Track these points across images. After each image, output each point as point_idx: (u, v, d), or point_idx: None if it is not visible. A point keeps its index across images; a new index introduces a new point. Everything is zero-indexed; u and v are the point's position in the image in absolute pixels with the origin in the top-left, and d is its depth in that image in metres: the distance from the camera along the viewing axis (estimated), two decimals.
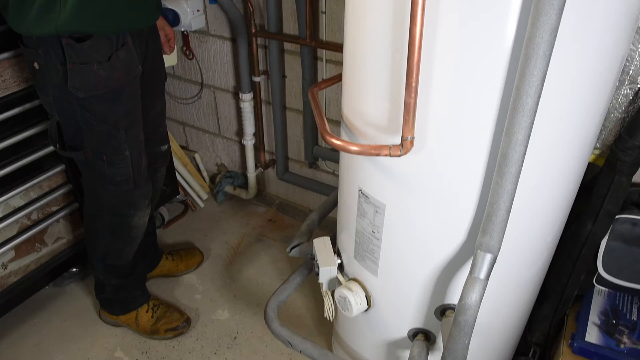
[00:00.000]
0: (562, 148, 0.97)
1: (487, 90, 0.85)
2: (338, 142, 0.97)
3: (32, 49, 1.30)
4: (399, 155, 0.92)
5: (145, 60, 1.46)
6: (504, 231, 0.91)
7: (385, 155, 0.93)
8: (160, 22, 1.62)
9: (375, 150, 0.93)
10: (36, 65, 1.31)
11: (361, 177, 1.12)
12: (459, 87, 0.86)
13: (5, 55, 1.53)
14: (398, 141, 0.92)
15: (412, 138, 0.90)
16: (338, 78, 1.30)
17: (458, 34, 0.82)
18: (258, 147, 2.31)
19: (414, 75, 0.83)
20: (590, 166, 1.26)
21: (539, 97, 0.78)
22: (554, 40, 0.74)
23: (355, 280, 1.28)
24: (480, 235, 0.93)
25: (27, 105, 1.62)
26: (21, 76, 1.59)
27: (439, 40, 0.83)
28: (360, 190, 1.14)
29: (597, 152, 1.42)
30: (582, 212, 1.34)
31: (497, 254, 0.92)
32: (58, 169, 1.80)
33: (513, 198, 0.87)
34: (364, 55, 0.97)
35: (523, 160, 0.84)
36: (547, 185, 1.02)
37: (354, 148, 0.95)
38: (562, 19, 0.71)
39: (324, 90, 1.92)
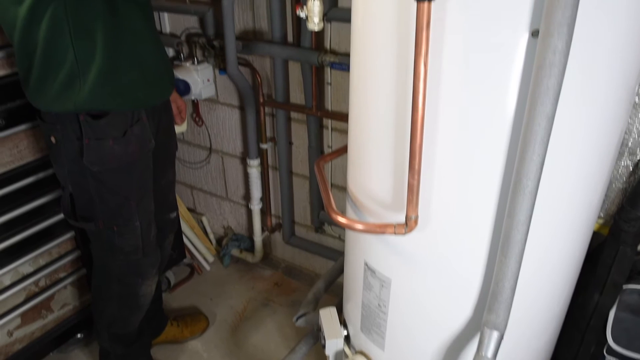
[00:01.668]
0: (566, 220, 0.99)
1: (489, 170, 0.88)
2: (344, 221, 0.99)
3: (49, 124, 1.35)
4: (404, 234, 0.94)
5: (157, 132, 1.51)
6: (510, 308, 0.92)
7: (390, 233, 0.94)
8: (173, 95, 1.68)
9: (380, 229, 0.95)
10: (53, 139, 1.36)
11: (367, 251, 1.14)
12: (461, 168, 0.89)
13: (22, 127, 1.59)
14: (403, 218, 0.94)
15: (416, 217, 0.92)
16: (343, 150, 1.33)
17: (458, 119, 0.85)
18: (265, 211, 2.33)
19: (417, 158, 0.86)
20: (595, 235, 1.27)
21: (539, 180, 0.81)
22: (551, 127, 0.77)
23: (362, 353, 1.27)
24: (486, 313, 0.93)
25: (41, 175, 1.67)
26: (36, 146, 1.65)
27: (440, 124, 0.87)
28: (366, 263, 1.15)
29: (600, 221, 1.43)
30: (589, 282, 1.34)
31: (504, 331, 0.92)
32: (68, 235, 1.82)
33: (518, 276, 0.88)
34: (367, 137, 1.01)
35: (526, 240, 0.86)
36: (553, 258, 1.03)
37: (359, 226, 0.97)
38: (563, 94, 0.74)
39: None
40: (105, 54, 1.25)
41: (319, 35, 1.73)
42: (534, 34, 0.76)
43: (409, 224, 0.93)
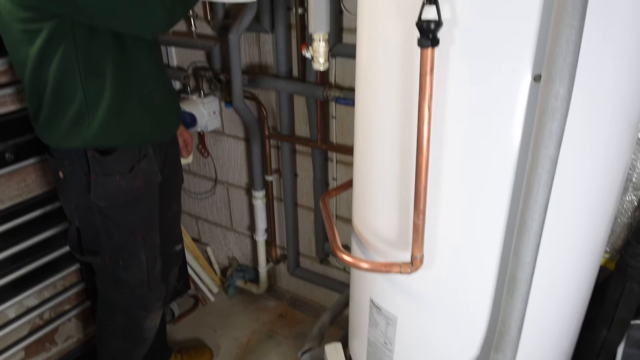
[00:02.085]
0: (572, 256, 0.99)
1: (494, 211, 0.88)
2: (349, 259, 0.99)
3: (58, 159, 1.37)
4: (409, 273, 0.94)
5: (164, 166, 1.52)
6: (517, 347, 0.91)
7: (396, 272, 0.95)
8: (179, 128, 1.70)
9: (385, 268, 0.95)
10: (61, 174, 1.37)
11: (372, 288, 1.13)
12: (466, 208, 0.90)
13: (30, 161, 1.61)
14: (408, 257, 0.94)
15: (422, 256, 0.93)
16: (348, 185, 1.34)
17: (463, 161, 0.86)
18: (270, 242, 2.33)
19: (422, 199, 0.87)
20: (601, 269, 1.27)
21: (543, 221, 0.81)
22: (555, 170, 0.77)
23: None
24: (493, 352, 0.93)
25: (48, 207, 1.68)
26: (44, 180, 1.67)
27: (445, 165, 0.88)
28: (371, 300, 1.14)
29: (607, 255, 1.43)
30: (597, 317, 1.33)
31: None
32: (73, 267, 1.83)
33: (524, 315, 0.88)
34: (372, 176, 1.02)
35: (532, 280, 0.86)
36: (560, 293, 1.03)
37: (365, 265, 0.98)
38: (567, 133, 0.75)
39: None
40: (114, 92, 1.27)
41: (324, 70, 1.75)
42: (536, 78, 0.78)
43: (414, 263, 0.93)
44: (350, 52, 1.66)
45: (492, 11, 0.76)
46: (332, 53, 1.67)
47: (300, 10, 1.73)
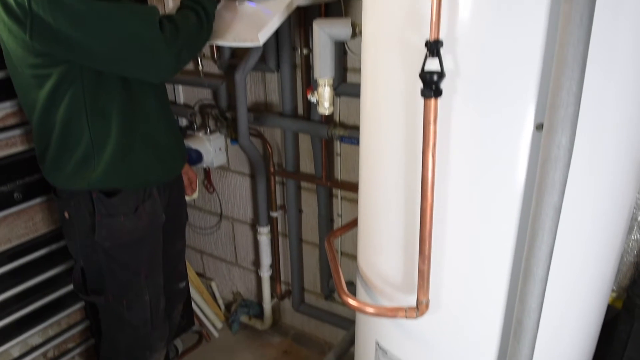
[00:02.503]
0: (579, 297, 0.98)
1: (499, 255, 0.89)
2: (354, 304, 0.99)
3: (63, 200, 1.38)
4: (415, 318, 0.94)
5: (168, 205, 1.53)
6: None
7: (402, 317, 0.94)
8: (184, 167, 1.71)
9: (391, 313, 0.95)
10: (66, 214, 1.39)
11: (378, 330, 1.13)
12: (471, 253, 0.90)
13: (38, 200, 1.62)
14: (414, 301, 0.94)
15: (427, 301, 0.92)
16: (353, 224, 1.35)
17: (467, 206, 0.87)
18: (274, 278, 2.33)
19: (427, 245, 0.87)
20: (609, 308, 1.26)
21: (548, 267, 0.81)
22: (559, 217, 0.78)
23: None
24: None
25: (54, 246, 1.69)
26: (50, 218, 1.68)
27: (449, 210, 0.88)
28: (377, 343, 1.14)
29: (614, 294, 1.42)
30: (605, 356, 1.31)
31: None
32: (77, 306, 1.83)
33: None
34: (376, 219, 1.02)
35: (538, 325, 0.86)
36: (567, 335, 1.02)
37: (370, 310, 0.98)
38: (572, 176, 0.75)
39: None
40: (120, 135, 1.30)
41: (329, 114, 1.77)
42: (539, 127, 0.79)
43: (420, 308, 0.93)
44: (354, 92, 1.68)
45: (494, 62, 0.78)
46: (336, 92, 1.69)
47: (305, 51, 1.76)
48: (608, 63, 0.78)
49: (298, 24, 1.74)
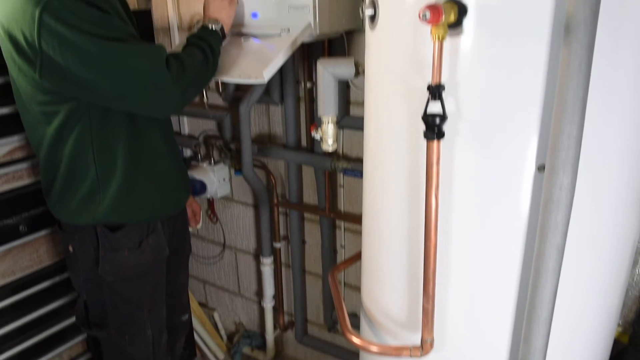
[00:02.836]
0: (584, 333, 0.98)
1: (503, 295, 0.89)
2: (358, 342, 0.99)
3: (68, 234, 1.39)
4: (419, 356, 0.93)
5: (172, 238, 1.54)
6: None
7: (406, 356, 0.94)
8: (188, 199, 1.72)
9: (395, 352, 0.95)
10: (71, 248, 1.39)
11: None
12: (475, 292, 0.90)
13: (42, 232, 1.63)
14: (418, 339, 0.94)
15: (432, 340, 0.92)
16: (357, 258, 1.35)
17: (471, 246, 0.88)
18: (277, 309, 2.31)
19: (431, 284, 0.87)
20: (614, 342, 1.25)
21: (553, 308, 0.81)
22: (562, 258, 0.78)
23: None
24: None
25: (57, 278, 1.69)
26: (54, 250, 1.69)
27: (453, 249, 0.89)
28: None
29: (619, 329, 1.41)
30: None
31: None
32: (79, 338, 1.82)
33: None
34: (380, 256, 1.03)
35: None
36: None
37: (375, 349, 0.97)
38: (575, 215, 0.76)
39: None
40: (125, 170, 1.31)
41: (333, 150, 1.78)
42: (540, 168, 0.80)
43: (424, 347, 0.93)
44: (357, 125, 1.70)
45: (495, 104, 0.79)
46: (339, 125, 1.71)
47: (308, 84, 1.78)
48: (608, 104, 0.79)
49: (302, 58, 1.77)
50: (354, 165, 1.69)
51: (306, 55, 1.75)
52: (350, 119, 1.74)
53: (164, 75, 1.18)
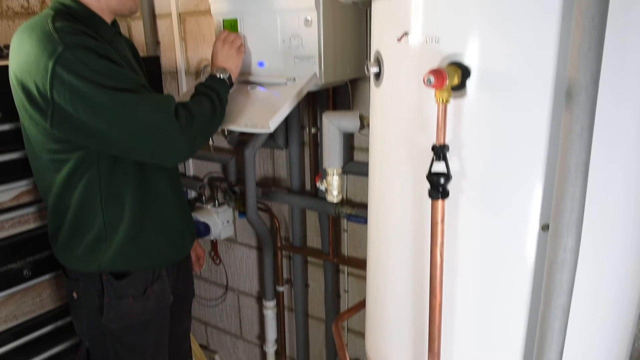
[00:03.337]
0: None
1: (509, 352, 0.88)
2: None
3: (73, 280, 1.39)
4: None
5: (176, 284, 1.54)
6: None
7: None
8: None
9: None
10: (75, 294, 1.39)
11: None
12: (480, 350, 0.90)
13: (46, 277, 1.63)
14: None
15: None
16: (361, 306, 1.34)
17: (475, 304, 0.87)
18: (279, 353, 2.28)
19: (436, 342, 0.87)
20: None
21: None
22: (568, 318, 0.78)
23: None
24: None
25: (59, 323, 1.68)
26: (58, 295, 1.68)
27: (458, 307, 0.89)
28: None
29: None
30: None
31: None
32: None
33: None
34: (385, 312, 1.03)
35: None
36: None
37: None
38: (581, 273, 0.76)
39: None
40: (132, 218, 1.32)
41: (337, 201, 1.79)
42: (544, 228, 0.81)
43: None
44: (361, 170, 1.72)
45: (499, 165, 0.81)
46: (343, 170, 1.72)
47: (313, 130, 1.81)
48: (610, 160, 0.80)
49: (307, 104, 1.80)
50: (358, 211, 1.70)
51: (311, 102, 1.78)
52: (355, 164, 1.75)
53: (173, 125, 1.20)
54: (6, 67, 1.26)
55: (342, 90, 1.69)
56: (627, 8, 0.73)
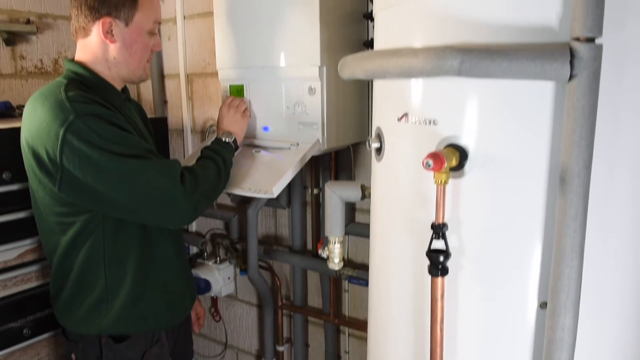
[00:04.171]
0: None
1: None
2: None
3: (72, 342, 1.38)
4: None
5: (175, 346, 1.53)
6: None
7: None
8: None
9: None
10: (73, 356, 1.38)
11: None
12: None
13: (45, 335, 1.63)
14: None
15: None
16: None
17: None
18: None
19: None
20: None
21: None
22: None
23: None
24: None
25: None
26: (56, 353, 1.67)
27: None
28: None
29: None
30: None
31: None
32: None
33: None
34: None
35: None
36: None
37: None
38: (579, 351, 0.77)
39: None
40: (134, 281, 1.33)
41: (339, 269, 1.80)
42: (542, 305, 0.82)
43: None
44: (363, 232, 1.74)
45: (497, 243, 0.83)
46: (345, 231, 1.74)
47: (315, 190, 1.84)
48: (606, 239, 0.82)
49: (309, 165, 1.84)
50: (359, 273, 1.70)
51: (314, 163, 1.82)
52: (356, 225, 1.77)
53: (179, 190, 1.23)
54: (17, 129, 1.30)
55: (344, 152, 1.73)
56: (616, 100, 0.77)
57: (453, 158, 0.79)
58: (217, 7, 1.60)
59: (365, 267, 1.75)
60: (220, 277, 2.12)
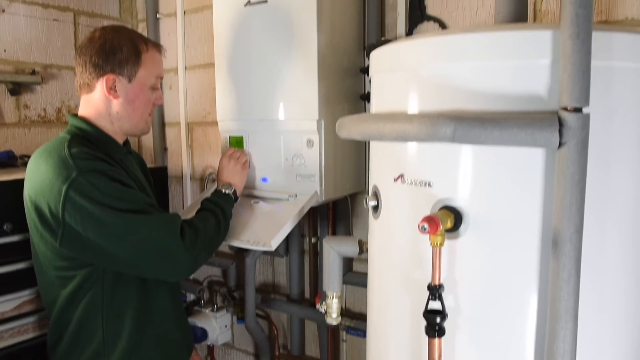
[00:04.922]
0: None
1: None
2: None
3: None
4: None
5: None
6: None
7: None
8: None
9: None
10: None
11: None
12: None
13: None
14: None
15: None
16: None
17: None
18: None
19: None
20: None
21: None
22: None
23: None
24: None
25: None
26: None
27: None
28: None
29: None
30: None
31: None
32: None
33: None
34: None
35: None
36: None
37: None
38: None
39: None
40: (132, 334, 1.32)
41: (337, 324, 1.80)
42: None
43: None
44: (360, 281, 1.74)
45: (493, 302, 0.84)
46: (342, 281, 1.74)
47: (313, 239, 1.85)
48: (600, 306, 0.83)
49: (308, 214, 1.84)
50: (357, 324, 1.70)
51: (312, 212, 1.83)
52: (354, 275, 1.78)
53: (179, 245, 1.24)
54: (19, 181, 1.32)
55: (342, 201, 1.75)
56: (605, 165, 0.79)
57: (448, 220, 0.81)
58: (218, 60, 1.65)
59: (363, 317, 1.75)
60: (217, 325, 2.10)
